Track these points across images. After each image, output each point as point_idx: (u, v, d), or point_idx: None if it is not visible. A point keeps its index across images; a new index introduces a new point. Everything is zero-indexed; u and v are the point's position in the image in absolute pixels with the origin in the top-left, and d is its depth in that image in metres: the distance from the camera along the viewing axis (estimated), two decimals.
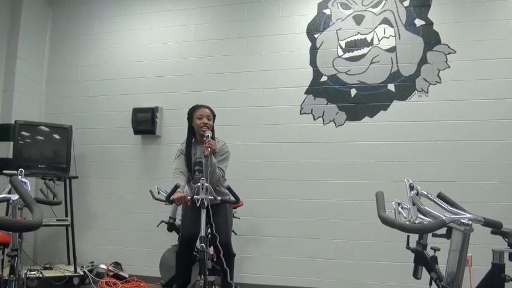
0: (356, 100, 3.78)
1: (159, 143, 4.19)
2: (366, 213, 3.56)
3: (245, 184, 3.76)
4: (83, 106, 4.41)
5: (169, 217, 3.54)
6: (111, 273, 3.97)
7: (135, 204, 4.15)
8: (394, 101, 3.71)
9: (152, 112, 4.10)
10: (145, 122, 4.10)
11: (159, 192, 3.24)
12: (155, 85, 4.25)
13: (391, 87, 3.73)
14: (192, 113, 2.93)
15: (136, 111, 4.15)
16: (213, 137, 2.86)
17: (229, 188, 2.65)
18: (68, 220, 3.92)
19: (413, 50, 3.71)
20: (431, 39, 3.70)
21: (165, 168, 3.94)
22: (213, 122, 2.96)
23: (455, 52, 3.64)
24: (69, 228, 3.97)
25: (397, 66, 3.73)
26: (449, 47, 3.66)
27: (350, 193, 3.69)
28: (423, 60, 3.68)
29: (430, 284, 2.11)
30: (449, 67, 3.64)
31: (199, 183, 2.55)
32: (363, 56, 3.80)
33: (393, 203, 1.92)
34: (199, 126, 2.85)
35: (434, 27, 3.70)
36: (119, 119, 4.28)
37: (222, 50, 4.13)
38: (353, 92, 3.80)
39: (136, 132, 4.18)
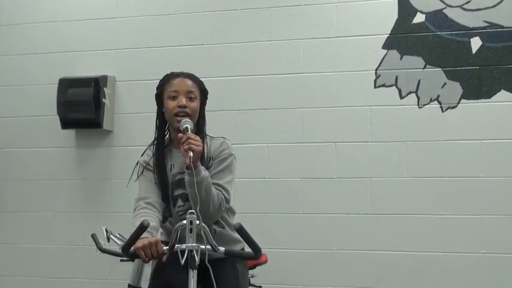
0: (481, 60, 3.75)
1: (108, 144, 4.24)
2: (506, 275, 3.57)
3: (268, 221, 3.79)
4: None
5: (129, 285, 3.56)
6: None
7: (64, 261, 4.18)
8: None
9: (96, 86, 4.14)
10: (82, 105, 4.13)
11: (109, 239, 3.23)
12: (102, 37, 4.30)
13: None
14: (161, 88, 2.92)
15: (67, 85, 4.19)
16: (199, 132, 2.85)
17: (240, 230, 2.63)
18: None
19: None
20: None
21: (120, 192, 3.96)
22: (203, 104, 2.94)
23: None
24: None
25: None
26: None
27: (473, 238, 3.66)
28: None
29: None
30: None
31: (184, 221, 2.54)
32: None
33: None
34: (172, 113, 2.83)
35: None
36: (33, 99, 4.34)
37: None
38: (475, 43, 3.77)
39: (65, 124, 4.21)
